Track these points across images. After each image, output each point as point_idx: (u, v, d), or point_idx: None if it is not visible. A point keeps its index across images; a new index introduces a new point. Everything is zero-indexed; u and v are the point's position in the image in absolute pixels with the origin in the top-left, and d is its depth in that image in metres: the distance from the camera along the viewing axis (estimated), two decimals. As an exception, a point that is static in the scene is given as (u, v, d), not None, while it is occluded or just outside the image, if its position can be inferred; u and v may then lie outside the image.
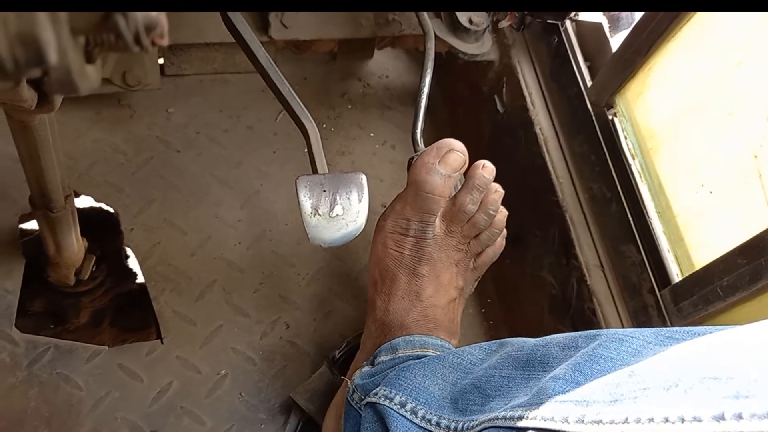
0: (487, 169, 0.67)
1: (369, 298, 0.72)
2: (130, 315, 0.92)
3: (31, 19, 0.18)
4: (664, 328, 0.50)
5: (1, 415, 0.71)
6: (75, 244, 0.76)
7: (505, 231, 0.72)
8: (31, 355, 0.74)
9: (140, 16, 0.20)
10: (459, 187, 0.69)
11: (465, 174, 0.69)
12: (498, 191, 0.69)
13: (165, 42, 0.22)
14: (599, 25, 0.78)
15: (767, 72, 0.58)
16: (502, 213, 0.71)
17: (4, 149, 0.82)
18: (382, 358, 0.66)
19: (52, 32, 0.18)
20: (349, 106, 0.99)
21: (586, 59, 0.79)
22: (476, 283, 0.74)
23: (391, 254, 0.68)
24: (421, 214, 0.66)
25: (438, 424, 0.55)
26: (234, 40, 0.76)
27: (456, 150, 0.66)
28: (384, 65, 1.03)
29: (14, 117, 0.51)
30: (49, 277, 0.81)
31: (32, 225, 0.82)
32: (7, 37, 0.18)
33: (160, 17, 0.21)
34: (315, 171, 0.70)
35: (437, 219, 0.67)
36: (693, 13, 0.64)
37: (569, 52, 0.78)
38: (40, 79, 0.41)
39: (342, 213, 0.68)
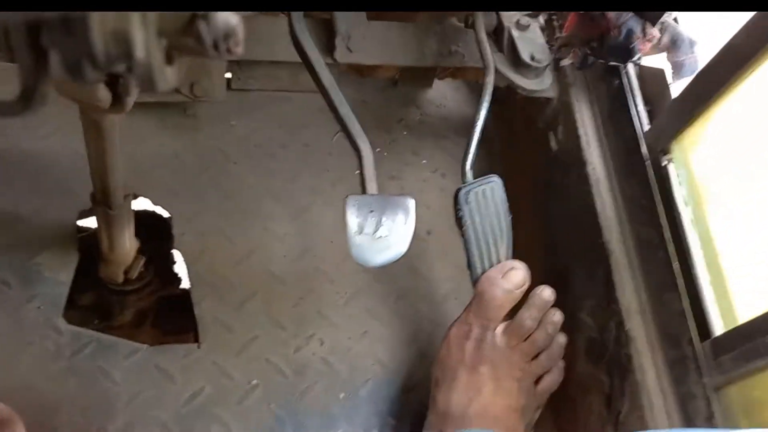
0: (546, 291, 0.75)
1: (431, 396, 0.75)
2: (170, 318, 0.94)
3: (125, 18, 0.19)
4: None
5: (40, 401, 0.73)
6: (128, 243, 0.79)
7: (562, 362, 0.77)
8: (74, 346, 0.77)
9: (220, 23, 0.22)
10: None
11: (526, 296, 0.75)
12: (557, 314, 0.76)
13: (240, 50, 0.23)
14: (661, 71, 0.78)
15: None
16: (562, 340, 0.76)
17: (72, 148, 0.86)
18: None
19: (141, 31, 0.20)
20: (405, 132, 1.01)
21: (646, 103, 0.79)
22: (538, 413, 0.77)
23: (453, 355, 0.74)
24: (482, 320, 0.73)
25: None
26: (299, 60, 0.78)
27: (517, 268, 0.74)
28: (443, 95, 1.04)
29: (87, 115, 0.54)
30: (99, 273, 0.84)
31: (89, 222, 0.86)
32: (103, 33, 0.19)
33: (238, 26, 0.22)
34: (364, 191, 0.72)
35: (500, 331, 0.74)
36: (758, 65, 0.64)
37: (628, 94, 0.78)
38: (116, 80, 0.44)
39: (387, 234, 0.69)
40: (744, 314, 0.66)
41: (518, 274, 0.74)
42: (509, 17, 0.83)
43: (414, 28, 0.89)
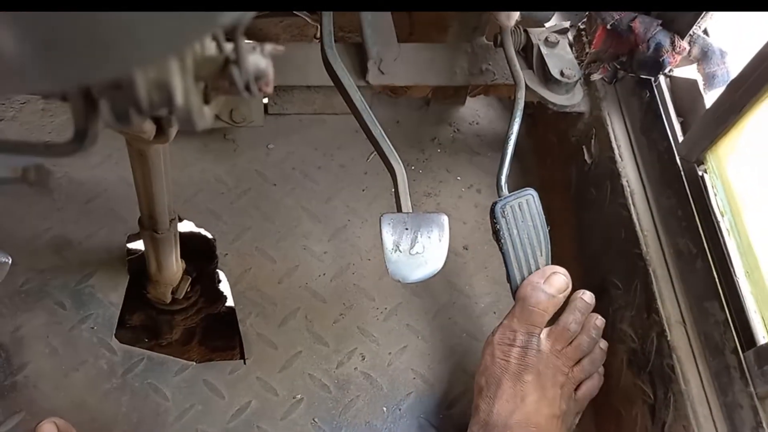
0: (587, 295, 0.76)
1: (474, 404, 0.75)
2: (217, 335, 0.97)
3: (165, 68, 0.22)
4: None
5: (95, 416, 0.77)
6: (174, 265, 0.82)
7: (602, 368, 0.78)
8: (127, 364, 0.80)
9: (251, 68, 0.24)
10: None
11: (567, 301, 0.76)
12: (599, 318, 0.77)
13: (270, 90, 0.25)
14: (694, 82, 0.78)
15: None
16: (603, 345, 0.77)
17: (119, 175, 0.90)
18: None
19: (180, 79, 0.22)
20: (439, 150, 1.02)
21: (678, 115, 0.79)
22: (578, 418, 0.77)
23: (498, 363, 0.73)
24: (527, 326, 0.73)
25: None
26: (333, 84, 0.81)
27: (559, 273, 0.74)
28: (476, 112, 1.06)
29: (133, 145, 0.57)
30: (148, 294, 0.87)
31: (137, 245, 0.90)
32: (146, 83, 0.22)
33: (269, 68, 0.24)
34: (399, 210, 0.73)
35: (544, 337, 0.74)
36: (790, 73, 0.64)
37: (661, 107, 0.78)
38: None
39: (422, 251, 0.71)
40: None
41: (560, 278, 0.74)
42: (538, 34, 0.84)
43: (444, 48, 0.91)
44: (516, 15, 0.65)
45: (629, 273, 0.78)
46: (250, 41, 0.25)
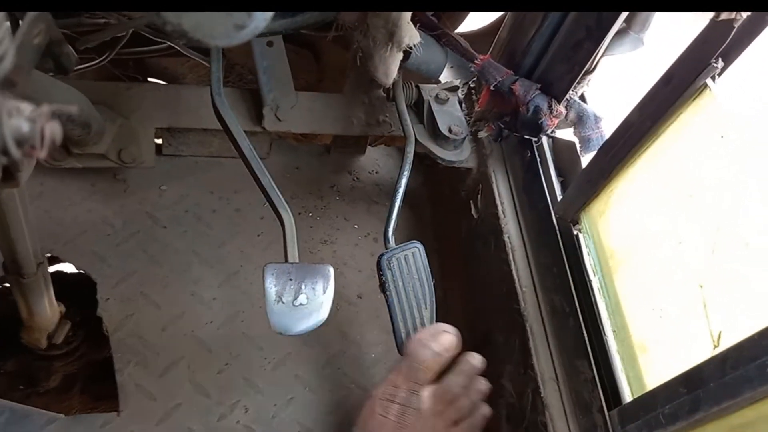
0: (475, 358, 0.75)
1: None
2: (102, 383, 0.93)
3: None
4: None
5: (-52, 474, 0.72)
6: (47, 310, 0.79)
7: None
8: (-13, 416, 0.75)
9: (8, 132, 0.23)
10: None
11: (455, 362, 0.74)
12: (484, 383, 0.75)
13: (42, 155, 0.24)
14: (572, 144, 0.81)
15: (713, 207, 0.59)
16: (485, 410, 0.75)
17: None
18: None
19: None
20: (338, 198, 1.03)
21: (559, 175, 0.82)
22: None
23: (377, 418, 0.71)
24: (410, 383, 0.72)
25: None
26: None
27: (449, 332, 0.73)
28: (375, 161, 1.07)
29: (-16, 189, 0.55)
30: (21, 339, 0.83)
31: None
32: None
33: (33, 132, 0.23)
34: (286, 259, 0.73)
35: (426, 396, 0.72)
36: (652, 141, 0.67)
37: (541, 166, 0.81)
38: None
39: (306, 302, 0.70)
40: (651, 382, 0.67)
41: (448, 337, 0.73)
42: (429, 90, 0.87)
43: (341, 99, 0.92)
44: (394, 74, 0.66)
45: (509, 328, 0.80)
46: (25, 102, 0.24)
